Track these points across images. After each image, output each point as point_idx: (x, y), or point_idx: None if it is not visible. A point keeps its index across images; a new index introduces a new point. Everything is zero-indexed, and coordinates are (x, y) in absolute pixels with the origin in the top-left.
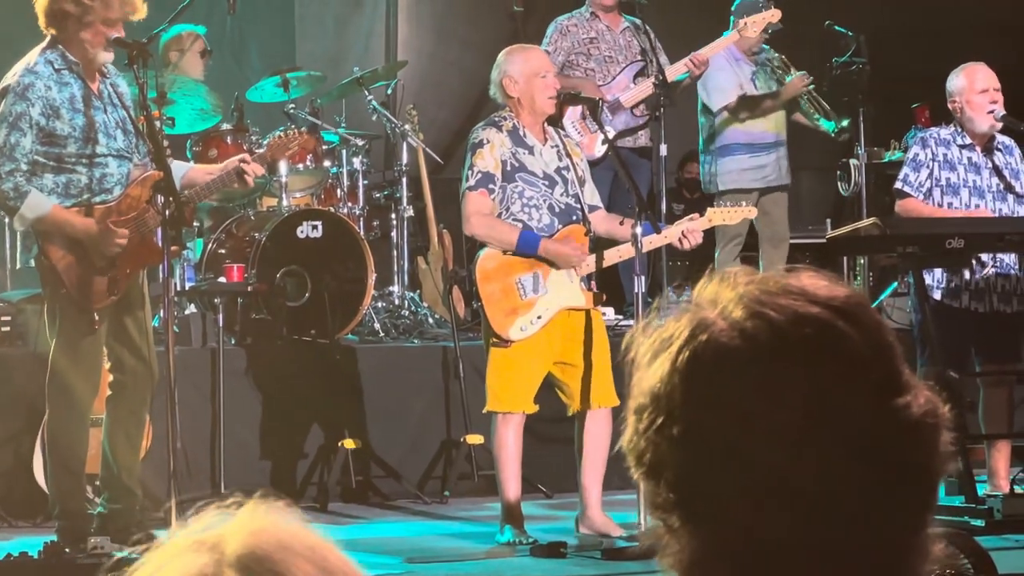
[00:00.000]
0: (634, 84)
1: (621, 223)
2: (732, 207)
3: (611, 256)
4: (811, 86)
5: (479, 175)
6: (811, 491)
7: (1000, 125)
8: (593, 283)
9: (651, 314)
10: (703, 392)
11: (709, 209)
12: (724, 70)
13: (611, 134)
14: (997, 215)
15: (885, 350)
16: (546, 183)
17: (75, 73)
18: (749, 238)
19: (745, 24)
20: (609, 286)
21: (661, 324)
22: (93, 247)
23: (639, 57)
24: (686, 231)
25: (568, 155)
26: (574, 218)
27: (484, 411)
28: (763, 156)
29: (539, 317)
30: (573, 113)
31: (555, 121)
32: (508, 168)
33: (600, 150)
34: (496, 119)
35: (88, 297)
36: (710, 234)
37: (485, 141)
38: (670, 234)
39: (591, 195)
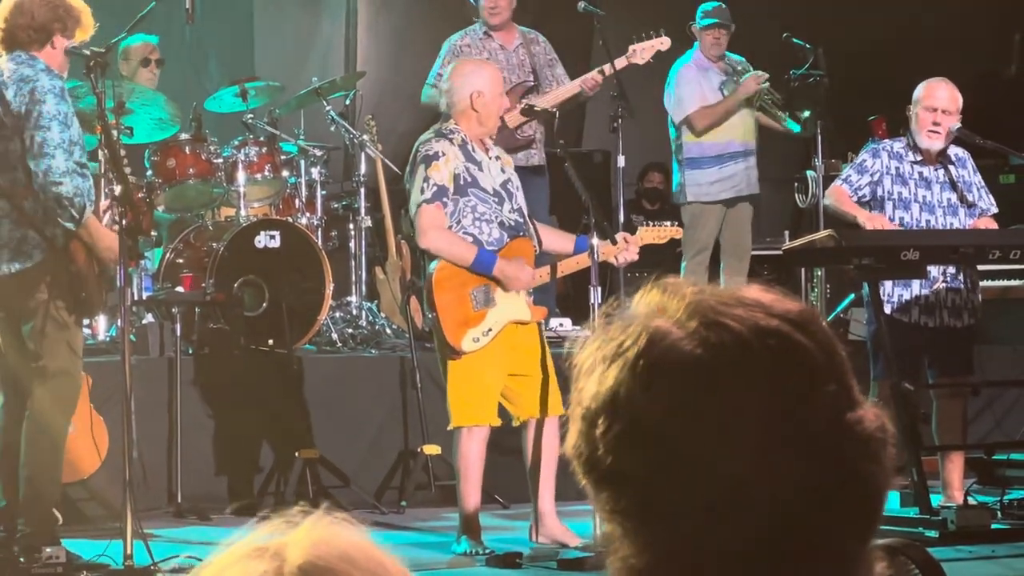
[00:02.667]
0: (523, 103)
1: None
2: (660, 226)
3: (567, 266)
4: (766, 84)
5: (435, 188)
6: (768, 501)
7: (941, 144)
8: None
9: (594, 322)
10: (663, 400)
11: (640, 228)
12: (689, 82)
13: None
14: (947, 229)
15: (839, 363)
16: (496, 199)
17: None
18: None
19: (634, 51)
20: (571, 297)
21: (605, 332)
22: (99, 258)
23: (529, 77)
24: (618, 251)
25: (503, 165)
26: (521, 233)
27: (450, 428)
28: (731, 166)
29: (490, 330)
30: None
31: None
32: (461, 182)
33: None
34: (446, 132)
35: (98, 305)
36: (674, 244)
37: (440, 154)
38: (606, 251)
39: (524, 202)
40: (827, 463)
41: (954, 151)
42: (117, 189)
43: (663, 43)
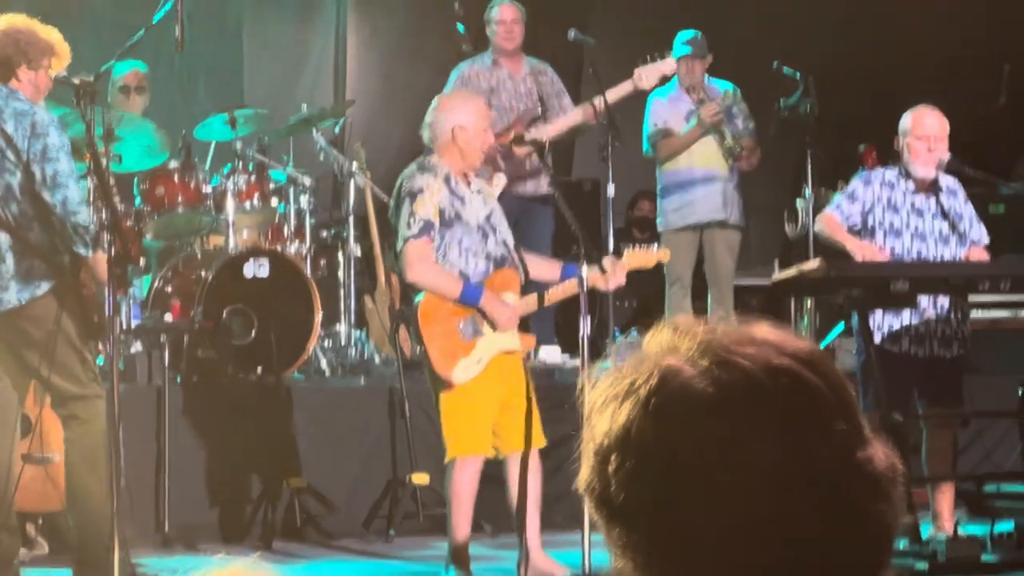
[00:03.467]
0: (529, 131)
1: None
2: (646, 249)
3: (555, 294)
4: (718, 118)
5: (421, 223)
6: (779, 539)
7: (934, 173)
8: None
9: (603, 359)
10: (677, 437)
11: (626, 252)
12: (656, 113)
13: (504, 181)
14: (939, 259)
15: (850, 404)
16: (480, 234)
17: None
18: (697, 280)
19: (640, 75)
20: (560, 326)
21: (616, 369)
22: (100, 283)
23: (536, 105)
24: (610, 274)
25: (485, 198)
26: (507, 264)
27: (447, 460)
28: (691, 192)
29: (480, 360)
30: None
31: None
32: (446, 216)
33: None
34: (428, 166)
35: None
36: (659, 276)
37: (424, 188)
38: (594, 278)
39: (508, 232)
40: (838, 502)
41: (945, 181)
42: (105, 217)
43: (668, 66)
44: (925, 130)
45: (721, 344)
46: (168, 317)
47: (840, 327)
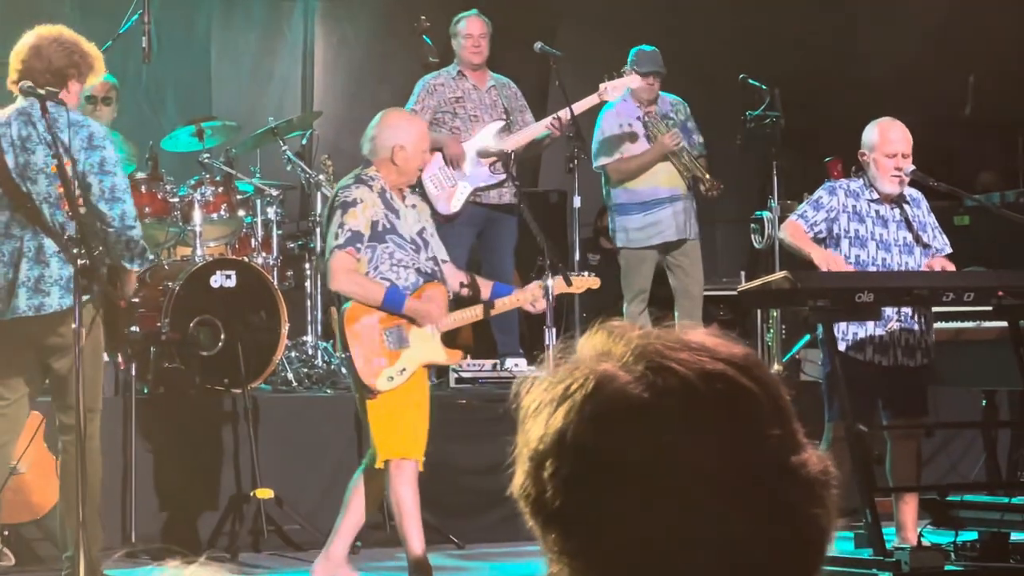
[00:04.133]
0: (494, 142)
1: (465, 284)
2: (577, 276)
3: (500, 306)
4: (680, 145)
5: (348, 233)
6: (714, 544)
7: (900, 190)
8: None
9: (538, 365)
10: (612, 443)
11: (556, 277)
12: (609, 130)
13: (468, 190)
14: (904, 268)
15: (784, 408)
16: (413, 247)
17: None
18: (664, 291)
19: (605, 89)
20: (525, 337)
21: (552, 374)
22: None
23: (503, 116)
24: (536, 296)
25: (419, 213)
26: (436, 279)
27: (378, 465)
28: (657, 212)
29: (404, 369)
30: (431, 167)
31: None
32: (380, 228)
33: (457, 204)
34: (365, 178)
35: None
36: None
37: (358, 200)
38: (522, 298)
39: (438, 248)
40: (772, 506)
41: (909, 191)
42: (73, 227)
43: (633, 80)
44: (892, 147)
45: (655, 349)
46: (135, 328)
47: (806, 338)
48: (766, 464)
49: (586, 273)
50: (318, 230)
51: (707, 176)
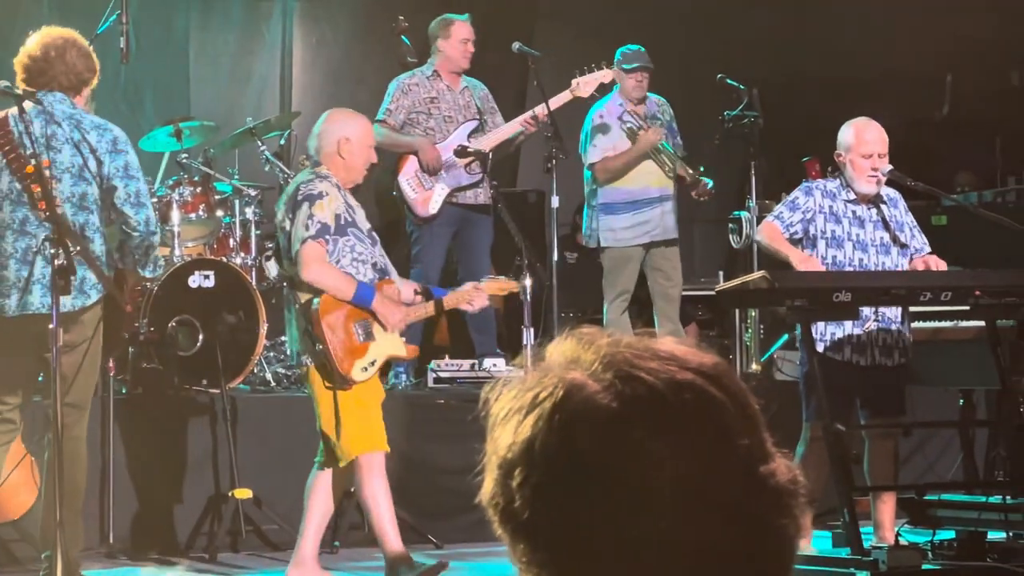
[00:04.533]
0: (470, 142)
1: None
2: (503, 280)
3: (450, 301)
4: (663, 142)
5: (319, 225)
6: (682, 554)
7: (877, 190)
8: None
9: (515, 365)
10: (581, 452)
11: (484, 279)
12: (599, 130)
13: (446, 191)
14: (880, 268)
15: (752, 417)
16: (370, 241)
17: None
18: (642, 292)
19: (577, 84)
20: (504, 337)
21: (519, 381)
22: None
23: (476, 116)
24: (469, 297)
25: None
26: (387, 275)
27: (346, 461)
28: (647, 212)
29: (374, 362)
30: (409, 170)
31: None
32: (342, 222)
33: (435, 207)
34: (323, 174)
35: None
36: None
37: (324, 193)
38: (458, 298)
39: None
40: (740, 516)
41: (886, 191)
42: (49, 229)
43: (606, 76)
44: (869, 147)
45: (624, 358)
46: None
47: (784, 338)
48: (734, 473)
49: (503, 277)
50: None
51: (689, 171)
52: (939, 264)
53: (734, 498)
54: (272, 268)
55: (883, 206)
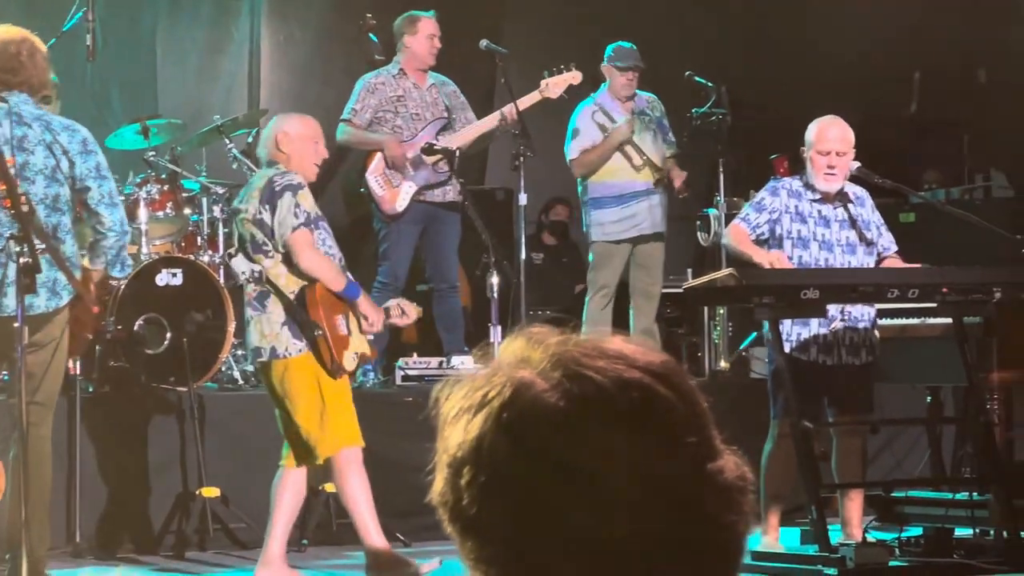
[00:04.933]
0: (438, 140)
1: None
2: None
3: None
4: (633, 133)
5: (306, 214)
6: (630, 551)
7: (837, 187)
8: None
9: (463, 369)
10: (527, 451)
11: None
12: (585, 126)
13: (413, 189)
14: (847, 268)
15: (700, 415)
16: (331, 236)
17: None
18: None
19: (547, 85)
20: (472, 335)
21: (469, 379)
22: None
23: (444, 114)
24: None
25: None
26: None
27: (331, 455)
28: (633, 205)
29: (355, 355)
30: (376, 168)
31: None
32: (314, 215)
33: (402, 204)
34: (288, 172)
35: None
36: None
37: (302, 184)
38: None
39: None
40: (688, 513)
41: (852, 190)
42: (16, 227)
43: (575, 77)
44: (827, 145)
45: (572, 357)
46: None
47: (753, 336)
48: (682, 470)
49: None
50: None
51: (664, 169)
52: (910, 265)
53: (682, 495)
54: (240, 264)
55: (850, 205)
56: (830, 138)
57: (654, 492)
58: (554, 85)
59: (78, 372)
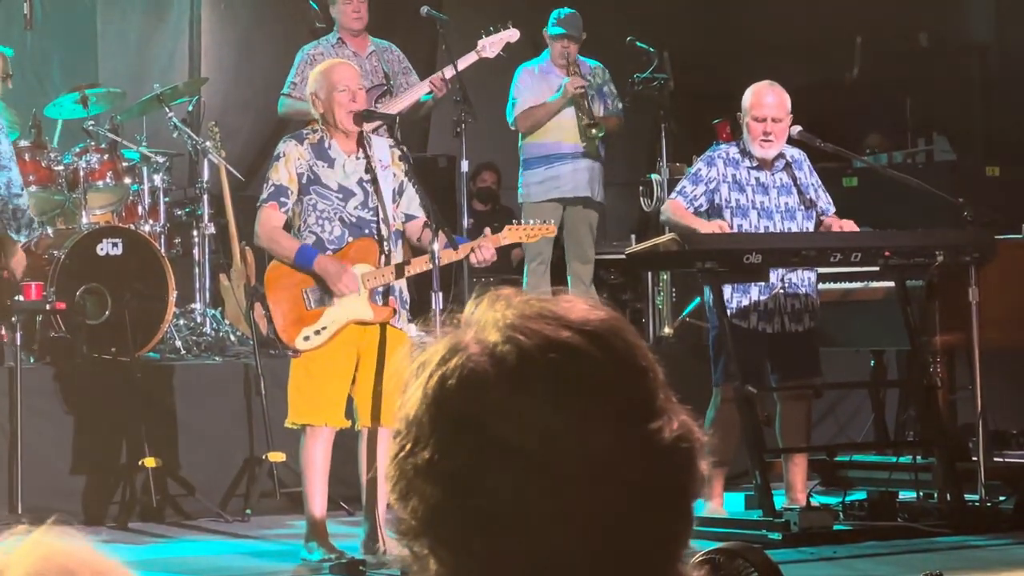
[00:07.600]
0: (376, 107)
1: (431, 238)
2: (530, 224)
3: (414, 266)
4: (581, 90)
5: (272, 188)
6: (550, 519)
7: (773, 153)
8: (393, 298)
9: (424, 329)
10: (448, 418)
11: (507, 226)
12: (526, 86)
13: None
14: (790, 232)
15: (635, 374)
16: (339, 196)
17: None
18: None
19: (483, 46)
20: (414, 302)
21: (426, 345)
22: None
23: (383, 81)
24: (477, 246)
25: (371, 169)
26: (367, 232)
27: (286, 424)
28: (558, 167)
29: (324, 328)
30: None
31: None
32: (304, 180)
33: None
34: (303, 132)
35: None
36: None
37: (282, 154)
38: (463, 249)
39: (408, 205)
40: (611, 477)
41: (790, 152)
42: None
43: (512, 35)
44: (763, 111)
45: (510, 319)
46: (20, 297)
47: (697, 301)
48: (605, 430)
49: (543, 220)
50: (205, 197)
51: (606, 129)
52: (850, 227)
53: (602, 458)
54: None
55: (787, 169)
56: (766, 104)
57: (570, 455)
58: (491, 45)
59: (19, 341)
